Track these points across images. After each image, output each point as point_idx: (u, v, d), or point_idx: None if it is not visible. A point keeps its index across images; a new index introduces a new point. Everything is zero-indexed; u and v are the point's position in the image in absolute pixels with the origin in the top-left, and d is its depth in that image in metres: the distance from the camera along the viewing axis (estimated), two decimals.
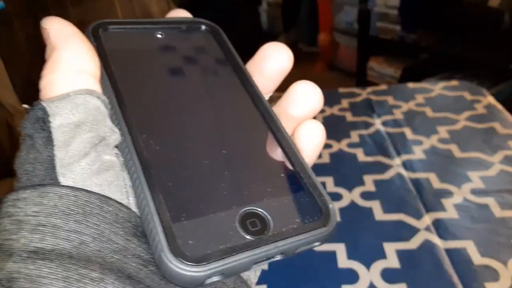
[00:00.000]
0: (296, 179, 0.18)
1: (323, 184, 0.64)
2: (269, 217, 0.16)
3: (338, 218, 0.57)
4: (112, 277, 0.13)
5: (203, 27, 0.22)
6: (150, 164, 0.16)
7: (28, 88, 0.80)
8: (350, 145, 0.73)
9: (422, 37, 1.56)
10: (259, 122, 0.19)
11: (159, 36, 0.21)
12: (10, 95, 0.79)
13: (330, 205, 0.17)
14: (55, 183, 0.15)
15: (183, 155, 0.17)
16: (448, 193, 0.59)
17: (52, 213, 0.14)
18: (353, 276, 0.48)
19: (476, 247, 0.50)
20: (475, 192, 0.59)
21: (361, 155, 0.70)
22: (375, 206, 0.58)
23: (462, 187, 0.60)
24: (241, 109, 0.20)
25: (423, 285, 0.46)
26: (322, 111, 0.85)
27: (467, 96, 0.84)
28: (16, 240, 0.13)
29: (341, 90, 0.93)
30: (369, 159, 0.69)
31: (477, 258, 0.48)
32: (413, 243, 0.51)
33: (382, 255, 0.50)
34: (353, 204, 0.59)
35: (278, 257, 0.16)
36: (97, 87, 0.17)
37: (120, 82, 0.18)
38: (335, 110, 0.86)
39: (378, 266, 0.49)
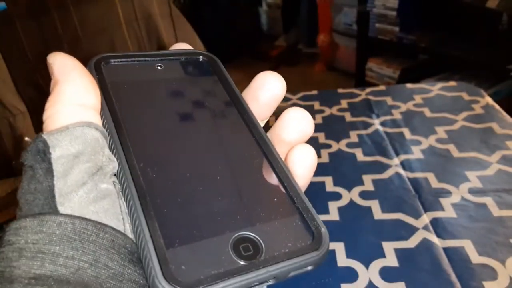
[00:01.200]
0: (288, 203, 0.18)
1: (323, 183, 0.64)
2: (261, 241, 0.16)
3: (338, 218, 0.57)
4: None
5: (201, 58, 0.23)
6: (146, 191, 0.16)
7: (30, 89, 0.80)
8: (349, 145, 0.74)
9: (420, 38, 1.56)
10: (254, 148, 0.20)
11: (158, 68, 0.22)
12: (12, 95, 0.79)
13: (323, 229, 0.17)
14: (54, 211, 0.15)
15: (178, 182, 0.18)
16: (446, 193, 0.59)
17: (51, 241, 0.14)
18: (352, 275, 0.48)
19: (474, 246, 0.50)
20: (473, 191, 0.59)
21: (360, 155, 0.70)
22: (374, 206, 0.59)
23: (460, 187, 0.60)
24: (237, 136, 0.20)
25: (421, 283, 0.47)
26: (321, 111, 0.86)
27: (465, 96, 0.85)
28: (17, 267, 0.14)
29: (340, 90, 0.94)
30: (368, 159, 0.69)
31: (475, 257, 0.49)
32: (411, 242, 0.52)
33: (381, 254, 0.51)
34: (352, 204, 0.60)
35: (271, 281, 0.16)
36: (96, 119, 0.18)
37: (120, 113, 0.19)
38: (334, 110, 0.86)
39: (377, 264, 0.49)
